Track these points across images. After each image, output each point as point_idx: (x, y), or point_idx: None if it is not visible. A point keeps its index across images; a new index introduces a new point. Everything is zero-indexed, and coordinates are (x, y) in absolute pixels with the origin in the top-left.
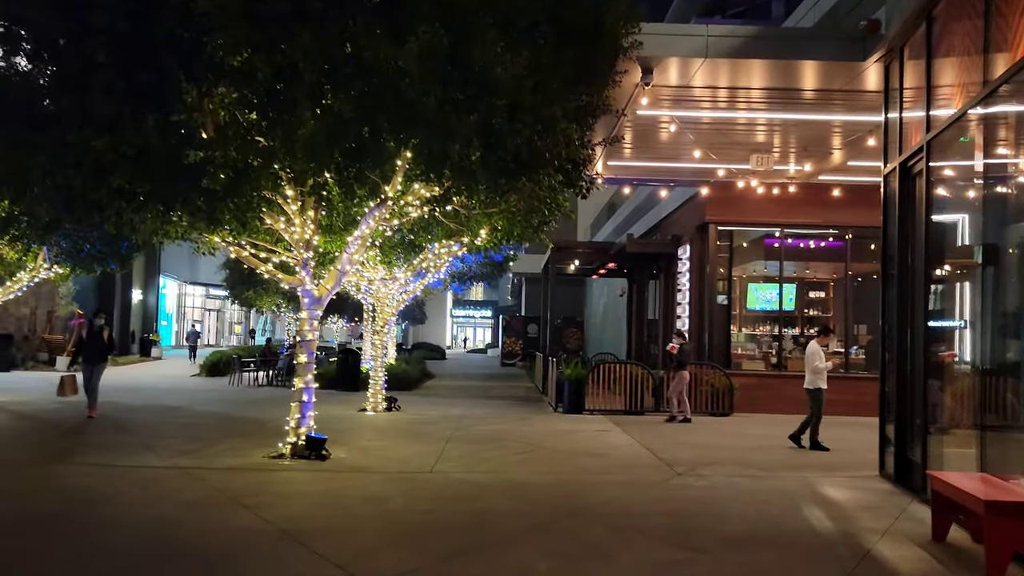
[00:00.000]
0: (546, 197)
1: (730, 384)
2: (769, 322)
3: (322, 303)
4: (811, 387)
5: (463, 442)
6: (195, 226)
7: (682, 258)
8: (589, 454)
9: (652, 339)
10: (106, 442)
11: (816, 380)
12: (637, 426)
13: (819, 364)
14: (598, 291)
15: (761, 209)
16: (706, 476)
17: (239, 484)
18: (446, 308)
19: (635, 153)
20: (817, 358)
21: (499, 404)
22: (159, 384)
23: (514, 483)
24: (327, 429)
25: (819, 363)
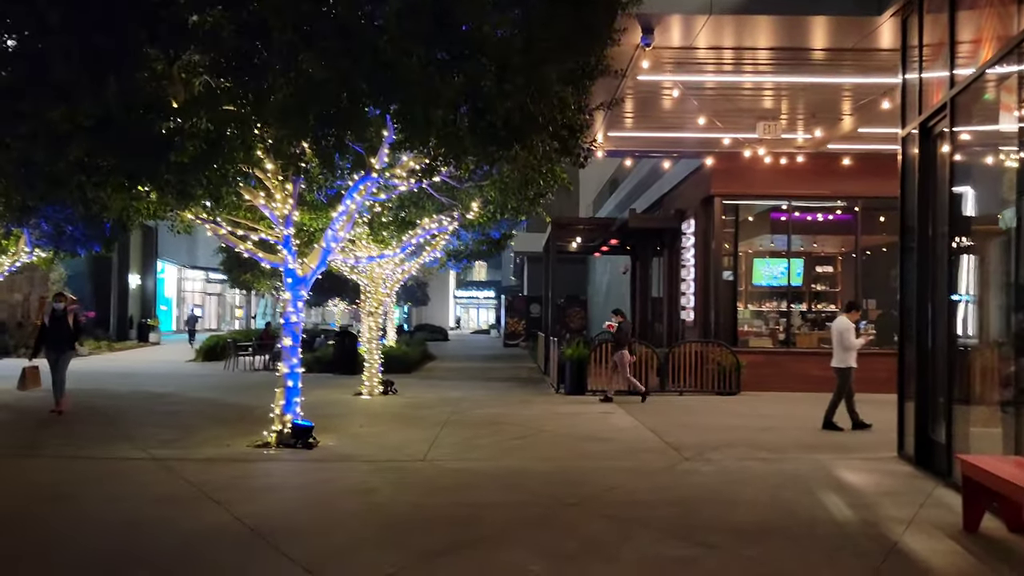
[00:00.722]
0: (541, 167)
1: (737, 362)
2: (776, 298)
3: (306, 283)
4: (842, 366)
5: (459, 427)
6: (165, 202)
7: (686, 233)
8: (591, 438)
9: (657, 317)
10: (82, 432)
11: (847, 358)
12: (641, 407)
13: (853, 341)
14: (601, 269)
15: (768, 181)
16: (715, 460)
17: (216, 477)
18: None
19: (637, 122)
20: (849, 335)
21: (499, 386)
22: (152, 370)
23: (511, 471)
24: (320, 415)
25: (852, 340)
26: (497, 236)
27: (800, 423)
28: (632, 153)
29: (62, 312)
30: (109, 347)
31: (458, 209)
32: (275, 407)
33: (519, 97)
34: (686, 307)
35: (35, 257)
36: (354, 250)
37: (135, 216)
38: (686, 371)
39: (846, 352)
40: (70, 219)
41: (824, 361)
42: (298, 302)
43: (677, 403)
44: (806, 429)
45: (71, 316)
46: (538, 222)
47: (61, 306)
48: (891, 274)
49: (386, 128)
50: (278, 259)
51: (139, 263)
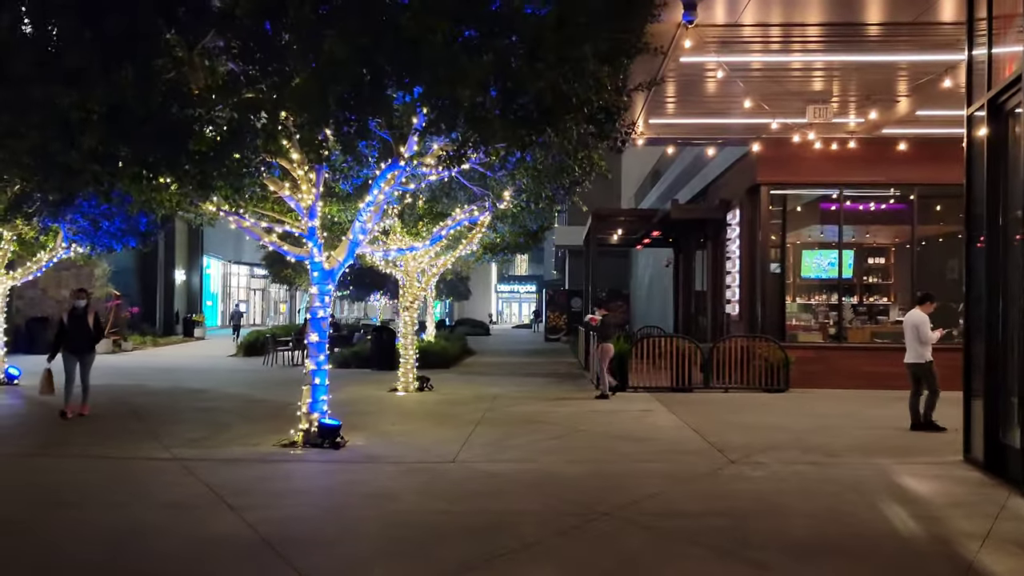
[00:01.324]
0: (576, 153)
1: (785, 358)
2: (825, 291)
3: (333, 277)
4: (920, 361)
5: (493, 425)
6: (184, 193)
7: (731, 224)
8: (630, 438)
9: (700, 311)
10: (110, 429)
11: (925, 353)
12: (684, 405)
13: (930, 334)
14: (643, 262)
15: (817, 168)
16: (763, 464)
17: (236, 479)
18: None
19: (678, 108)
20: (926, 328)
21: (537, 382)
22: (192, 365)
23: (544, 474)
24: (351, 412)
25: (929, 333)
26: (535, 228)
27: (854, 423)
28: (674, 141)
29: (83, 310)
30: (154, 342)
31: (489, 199)
32: (302, 405)
33: (551, 77)
34: (731, 300)
35: (72, 253)
36: (386, 243)
37: (157, 208)
38: (731, 367)
39: (923, 346)
40: (106, 214)
41: (877, 357)
42: (325, 296)
43: (721, 401)
44: (861, 429)
45: (92, 314)
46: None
47: (82, 303)
48: (948, 265)
49: (415, 114)
50: (303, 252)
51: (185, 258)
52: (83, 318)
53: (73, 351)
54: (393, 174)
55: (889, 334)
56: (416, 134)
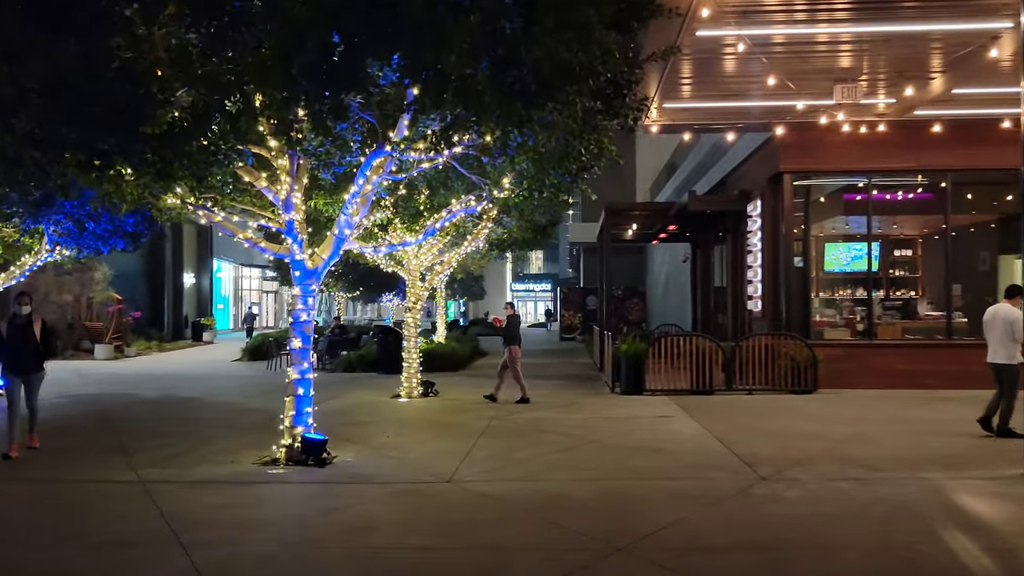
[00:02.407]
0: (583, 133)
1: (813, 356)
2: (850, 285)
3: (318, 276)
4: (1009, 362)
5: (498, 436)
6: (143, 184)
7: (752, 215)
8: (647, 449)
9: (720, 308)
10: (76, 446)
11: (1016, 353)
12: (705, 409)
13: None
14: (660, 258)
15: (844, 154)
16: (799, 481)
17: (199, 506)
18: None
19: (695, 90)
20: (1019, 326)
21: (550, 384)
22: (192, 371)
23: (549, 497)
24: (347, 422)
25: (1019, 332)
26: (544, 222)
27: (895, 429)
28: (691, 127)
29: (25, 319)
30: (159, 347)
31: (486, 187)
32: (284, 418)
33: (550, 44)
34: (753, 296)
35: (56, 256)
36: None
37: (117, 202)
38: (755, 367)
39: (1015, 345)
40: (92, 215)
41: (911, 354)
42: (308, 298)
43: (746, 404)
44: (904, 436)
45: (39, 323)
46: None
47: (25, 311)
48: (980, 256)
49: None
50: (283, 249)
51: (194, 262)
52: (26, 328)
53: (14, 370)
54: (380, 161)
55: (921, 329)
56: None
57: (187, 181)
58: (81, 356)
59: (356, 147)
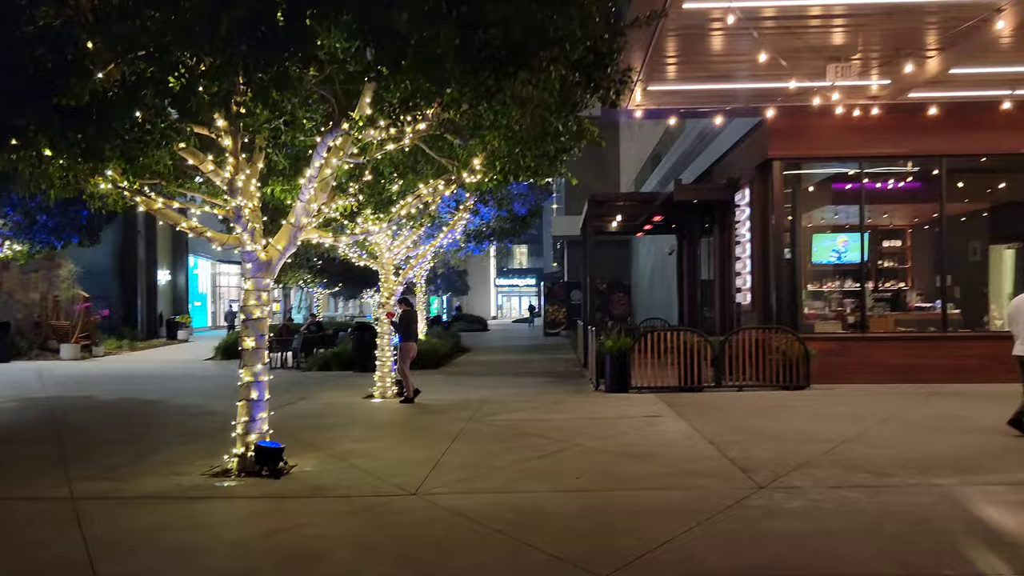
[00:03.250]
0: (560, 109)
1: (806, 351)
2: (840, 277)
3: (272, 269)
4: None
5: (474, 440)
6: (67, 166)
7: (740, 205)
8: (634, 454)
9: (707, 302)
10: (12, 456)
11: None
12: (694, 408)
13: None
14: (645, 251)
15: (836, 139)
16: (800, 489)
17: (130, 528)
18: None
19: (681, 71)
20: None
21: (532, 383)
22: (160, 370)
23: (525, 511)
24: (314, 425)
25: None
26: (524, 213)
27: (896, 427)
28: (676, 112)
29: None
30: (131, 346)
31: (454, 168)
32: (236, 425)
33: (521, 3)
34: (741, 289)
35: (8, 251)
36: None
37: (45, 187)
38: (745, 362)
39: None
40: (43, 207)
41: (906, 347)
42: (262, 293)
43: (736, 402)
44: (906, 435)
45: None
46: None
47: None
48: (970, 247)
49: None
50: (232, 240)
51: (169, 258)
52: None
53: None
54: (340, 142)
55: (913, 322)
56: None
57: (117, 163)
58: (47, 356)
59: (311, 126)
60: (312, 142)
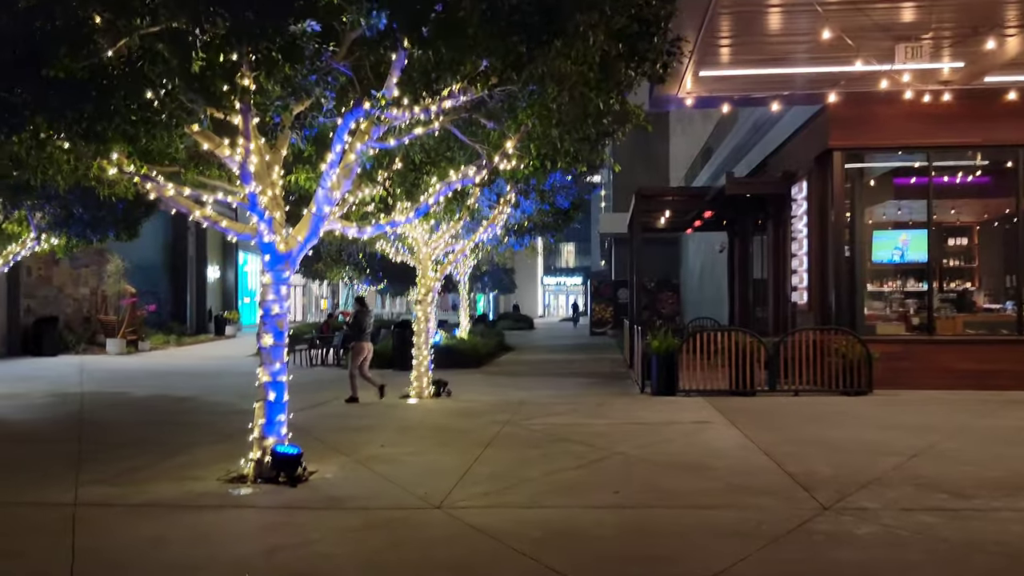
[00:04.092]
0: (600, 84)
1: (868, 354)
2: (900, 276)
3: (292, 261)
4: None
5: (509, 446)
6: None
7: (797, 199)
8: (681, 465)
9: (759, 301)
10: (27, 455)
11: None
12: (746, 414)
13: None
14: (694, 249)
15: (901, 128)
16: (870, 512)
17: (126, 541)
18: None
19: (735, 55)
20: None
21: (575, 383)
22: (199, 367)
23: (555, 530)
24: (343, 427)
25: None
26: (567, 206)
27: (970, 440)
28: (728, 99)
29: None
30: (177, 341)
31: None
32: (253, 428)
33: None
34: (797, 287)
35: (45, 244)
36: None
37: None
38: (801, 365)
39: None
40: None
41: (976, 351)
42: (281, 287)
43: (792, 407)
44: (983, 450)
45: None
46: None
47: None
48: None
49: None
50: (249, 230)
51: (219, 255)
52: None
53: None
54: (364, 125)
55: (983, 324)
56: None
57: (121, 146)
58: (94, 351)
59: (328, 104)
60: (335, 125)
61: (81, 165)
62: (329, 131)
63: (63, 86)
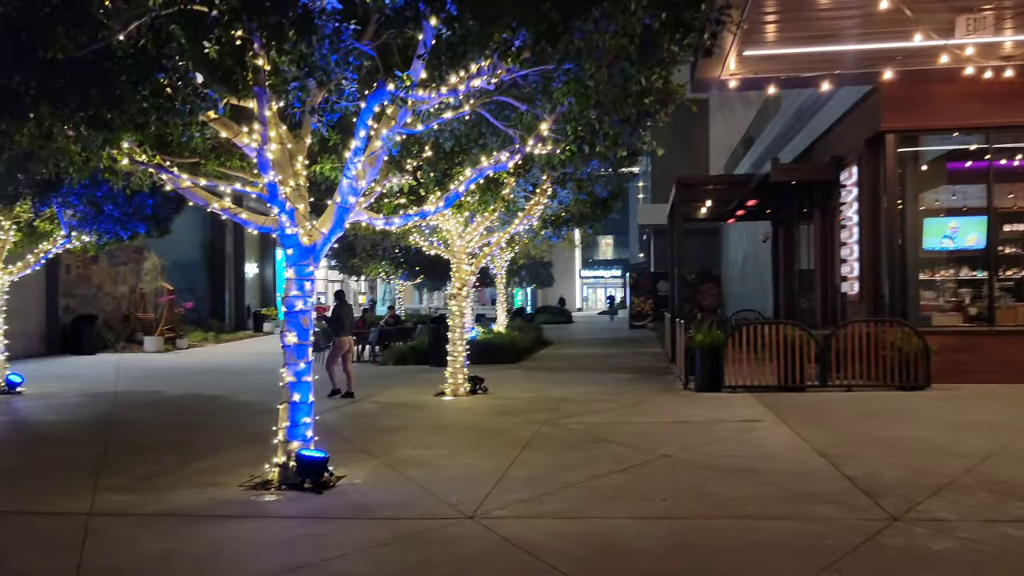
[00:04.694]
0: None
1: (925, 346)
2: (954, 264)
3: (316, 255)
4: None
5: (547, 447)
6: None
7: (846, 185)
8: (730, 469)
9: (805, 292)
10: (50, 459)
11: None
12: (798, 411)
13: None
14: (736, 239)
15: (958, 108)
16: (946, 523)
17: (135, 556)
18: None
19: (782, 31)
20: None
21: (615, 379)
22: (235, 364)
23: (597, 544)
24: (374, 427)
25: None
26: (605, 195)
27: None
28: (775, 79)
29: None
30: (216, 338)
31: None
32: (277, 431)
33: None
34: (847, 277)
35: (76, 242)
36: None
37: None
38: (854, 359)
39: None
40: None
41: None
42: (305, 282)
43: (846, 404)
44: None
45: None
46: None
47: None
48: None
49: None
50: (271, 222)
51: (257, 251)
52: None
53: None
54: (390, 110)
55: None
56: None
57: (130, 134)
58: (133, 348)
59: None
60: (360, 110)
61: (93, 157)
62: (353, 117)
63: (65, 69)
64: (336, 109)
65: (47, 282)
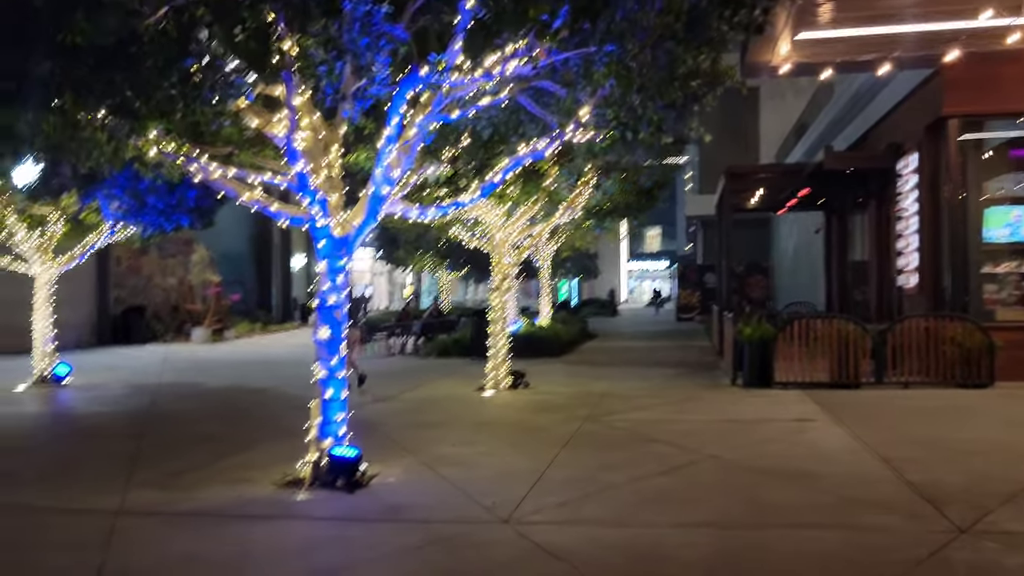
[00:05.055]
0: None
1: (989, 342)
2: (1018, 256)
3: (349, 248)
4: None
5: (588, 446)
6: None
7: (903, 174)
8: (782, 472)
9: (860, 284)
10: (84, 454)
11: None
12: (853, 409)
13: None
14: (786, 230)
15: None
16: (1019, 536)
17: (158, 558)
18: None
19: (838, 11)
20: None
21: (661, 374)
22: (280, 355)
23: (640, 555)
24: (413, 423)
25: None
26: (648, 185)
27: None
28: (830, 63)
29: None
30: (263, 329)
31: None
32: (310, 427)
33: None
34: (905, 270)
35: (119, 234)
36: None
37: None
38: (911, 355)
39: None
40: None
41: None
42: (337, 275)
43: (904, 402)
44: None
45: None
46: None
47: None
48: None
49: None
50: (301, 213)
51: (304, 243)
52: None
53: None
54: (425, 97)
55: None
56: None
57: (156, 122)
58: (181, 340)
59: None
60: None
61: (122, 147)
62: (386, 104)
63: (89, 56)
64: (369, 95)
65: (98, 274)
